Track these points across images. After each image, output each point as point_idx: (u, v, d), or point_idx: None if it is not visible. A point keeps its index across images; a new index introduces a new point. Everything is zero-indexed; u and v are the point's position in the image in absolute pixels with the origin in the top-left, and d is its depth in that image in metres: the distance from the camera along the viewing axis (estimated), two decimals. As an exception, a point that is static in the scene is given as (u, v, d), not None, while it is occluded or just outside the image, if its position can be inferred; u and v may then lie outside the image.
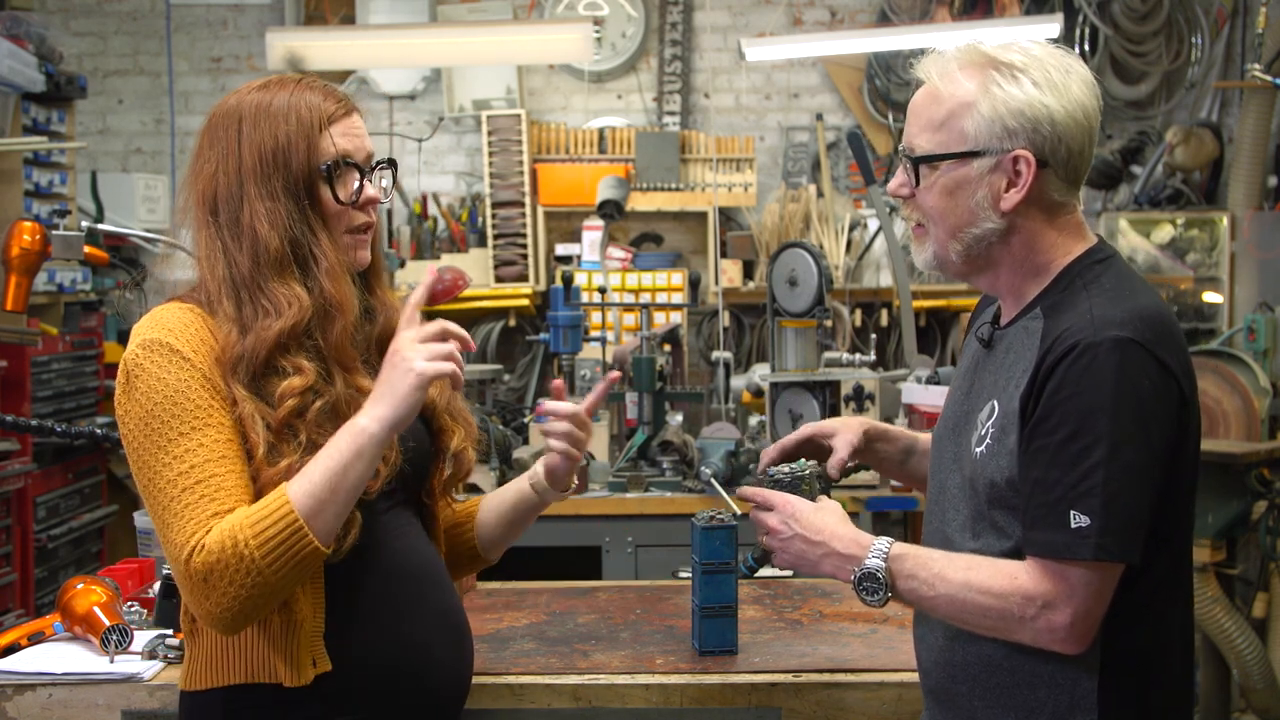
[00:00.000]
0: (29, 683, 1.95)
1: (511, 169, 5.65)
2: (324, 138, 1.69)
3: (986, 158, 1.57)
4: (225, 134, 1.69)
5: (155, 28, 5.90)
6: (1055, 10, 5.53)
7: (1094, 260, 1.61)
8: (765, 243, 5.55)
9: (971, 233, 1.61)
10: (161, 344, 1.60)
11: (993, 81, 1.57)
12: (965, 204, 1.59)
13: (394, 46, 4.68)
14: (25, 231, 2.87)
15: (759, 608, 2.34)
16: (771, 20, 5.86)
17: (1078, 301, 1.56)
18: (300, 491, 1.55)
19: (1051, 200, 1.60)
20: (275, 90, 1.72)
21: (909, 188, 1.64)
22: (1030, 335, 1.59)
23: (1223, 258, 5.55)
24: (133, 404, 1.60)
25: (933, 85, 1.61)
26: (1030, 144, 1.56)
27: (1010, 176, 1.57)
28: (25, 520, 4.22)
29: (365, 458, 1.57)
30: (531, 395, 5.43)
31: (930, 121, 1.60)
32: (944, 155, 1.59)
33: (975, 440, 1.62)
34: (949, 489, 1.69)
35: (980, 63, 1.58)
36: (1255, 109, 5.41)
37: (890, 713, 1.94)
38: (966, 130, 1.57)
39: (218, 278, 1.67)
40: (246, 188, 1.66)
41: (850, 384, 3.68)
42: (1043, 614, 1.50)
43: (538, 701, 1.95)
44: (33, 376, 4.26)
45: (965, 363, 1.77)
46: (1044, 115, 1.56)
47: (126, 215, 5.19)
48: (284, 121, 1.68)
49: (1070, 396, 1.49)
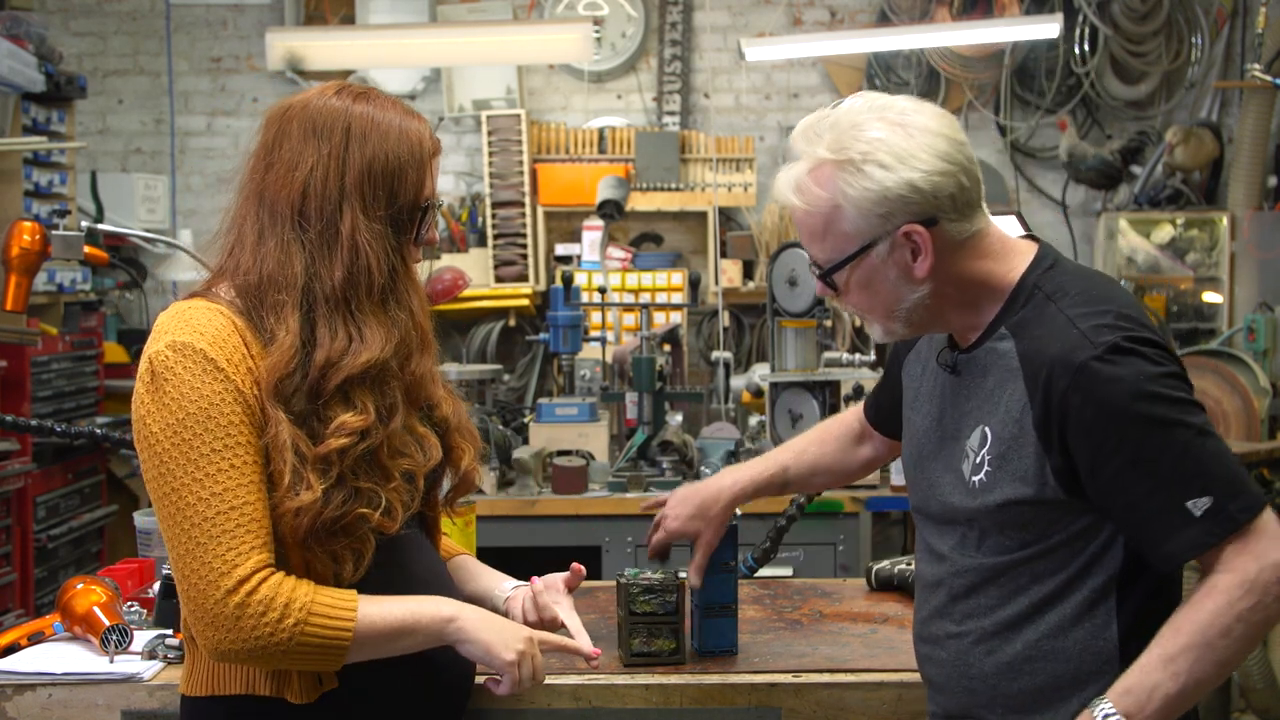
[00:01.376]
0: (29, 683, 1.95)
1: (511, 169, 5.65)
2: (428, 173, 1.66)
3: (880, 244, 1.58)
4: (330, 137, 1.60)
5: (155, 28, 5.90)
6: (1055, 10, 5.53)
7: (1042, 270, 1.62)
8: (765, 243, 5.55)
9: (903, 307, 1.62)
10: (194, 350, 1.53)
11: (844, 183, 1.56)
12: (884, 288, 1.61)
13: (394, 46, 4.68)
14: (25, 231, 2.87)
15: (759, 608, 2.34)
16: (771, 20, 5.86)
17: (1049, 315, 1.57)
18: (368, 619, 1.56)
19: (961, 241, 1.60)
20: (382, 106, 1.65)
21: (830, 293, 1.67)
22: (1002, 356, 1.60)
23: (1222, 258, 5.55)
24: (161, 409, 1.53)
25: (796, 205, 1.61)
26: (910, 215, 1.56)
27: (912, 249, 1.58)
28: (25, 520, 4.22)
29: (426, 640, 1.61)
30: (531, 395, 5.42)
31: (814, 234, 1.61)
32: (842, 260, 1.60)
33: (970, 469, 1.62)
34: (933, 514, 1.70)
35: (825, 169, 1.58)
36: (1255, 109, 5.41)
37: (890, 713, 1.94)
38: (848, 231, 1.58)
39: (291, 285, 1.58)
40: (350, 199, 1.59)
41: (850, 384, 3.69)
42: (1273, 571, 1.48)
43: (537, 701, 1.94)
44: (33, 376, 4.27)
45: (924, 387, 1.77)
46: (904, 190, 1.55)
47: (126, 215, 5.19)
48: (397, 144, 1.62)
49: (1106, 416, 1.49)
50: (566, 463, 3.67)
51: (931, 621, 1.71)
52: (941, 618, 1.69)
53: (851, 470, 2.12)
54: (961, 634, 1.66)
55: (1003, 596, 1.62)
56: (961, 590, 1.66)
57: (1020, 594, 1.61)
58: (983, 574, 1.63)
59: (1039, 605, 1.60)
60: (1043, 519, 1.58)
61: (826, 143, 1.58)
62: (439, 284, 4.20)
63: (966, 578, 1.65)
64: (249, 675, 1.62)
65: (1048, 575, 1.59)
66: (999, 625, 1.62)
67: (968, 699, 1.67)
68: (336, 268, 1.58)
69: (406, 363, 1.64)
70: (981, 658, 1.63)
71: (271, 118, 1.66)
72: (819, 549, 3.62)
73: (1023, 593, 1.60)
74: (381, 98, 1.67)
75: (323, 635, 1.53)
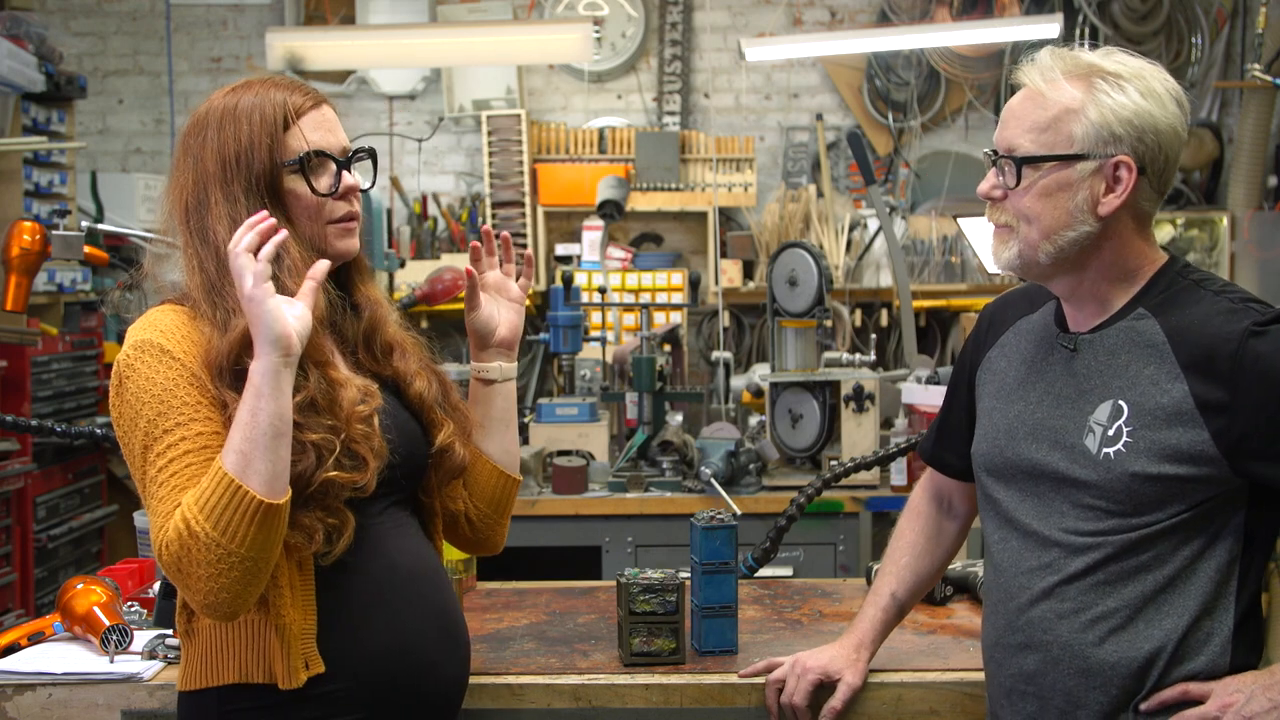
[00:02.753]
0: (29, 683, 1.95)
1: (511, 169, 5.65)
2: (291, 133, 1.69)
3: (1090, 161, 1.61)
4: (195, 141, 1.70)
5: (155, 28, 5.90)
6: (1055, 10, 5.53)
7: (1182, 266, 1.67)
8: (765, 243, 5.55)
9: (1066, 235, 1.63)
10: (153, 344, 1.61)
11: (1099, 89, 1.61)
12: (1064, 206, 1.62)
13: (394, 47, 4.68)
14: (25, 231, 2.87)
15: (759, 608, 2.34)
16: (771, 20, 5.86)
17: (1198, 297, 1.62)
18: (224, 455, 1.53)
19: (1142, 209, 1.65)
20: (242, 92, 1.72)
21: (1001, 189, 1.66)
22: (1141, 334, 1.62)
23: (1223, 258, 5.55)
24: (124, 405, 1.60)
25: (1036, 89, 1.64)
26: (1133, 151, 1.61)
27: (1109, 182, 1.61)
28: (25, 520, 4.23)
29: (265, 394, 1.53)
30: (531, 395, 5.42)
31: (1035, 124, 1.63)
32: (1050, 156, 1.62)
33: (1100, 441, 1.62)
34: (1044, 495, 1.68)
35: (1084, 71, 1.62)
36: (1255, 109, 5.41)
37: (890, 713, 1.94)
38: (1074, 134, 1.61)
39: (195, 284, 1.67)
40: (211, 193, 1.67)
41: (850, 384, 3.69)
42: None
43: (537, 701, 1.94)
44: (33, 376, 4.27)
45: (1017, 376, 1.76)
46: (1149, 124, 1.61)
47: (126, 215, 5.19)
48: (247, 123, 1.68)
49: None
50: (566, 463, 3.67)
51: (1030, 609, 1.67)
52: (1050, 598, 1.65)
53: (951, 551, 2.01)
54: (1076, 612, 1.63)
55: (1124, 574, 1.61)
56: (1080, 570, 1.63)
57: (1144, 571, 1.60)
58: (1106, 550, 1.62)
59: (1163, 584, 1.60)
60: (1184, 492, 1.58)
61: (1094, 55, 1.63)
62: (439, 284, 4.20)
63: (1086, 556, 1.63)
64: (238, 663, 1.63)
65: (1172, 552, 1.60)
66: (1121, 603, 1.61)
67: (1079, 681, 1.64)
68: (210, 258, 1.66)
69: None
70: (1100, 639, 1.62)
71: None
72: (819, 549, 3.62)
73: (1146, 570, 1.60)
74: (250, 83, 1.73)
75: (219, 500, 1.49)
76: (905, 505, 2.03)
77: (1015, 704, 1.71)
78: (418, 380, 1.79)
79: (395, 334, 1.82)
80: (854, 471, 2.72)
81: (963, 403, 1.88)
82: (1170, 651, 1.60)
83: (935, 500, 1.99)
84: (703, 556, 2.07)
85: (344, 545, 1.62)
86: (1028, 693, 1.69)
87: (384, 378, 1.78)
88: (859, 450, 3.55)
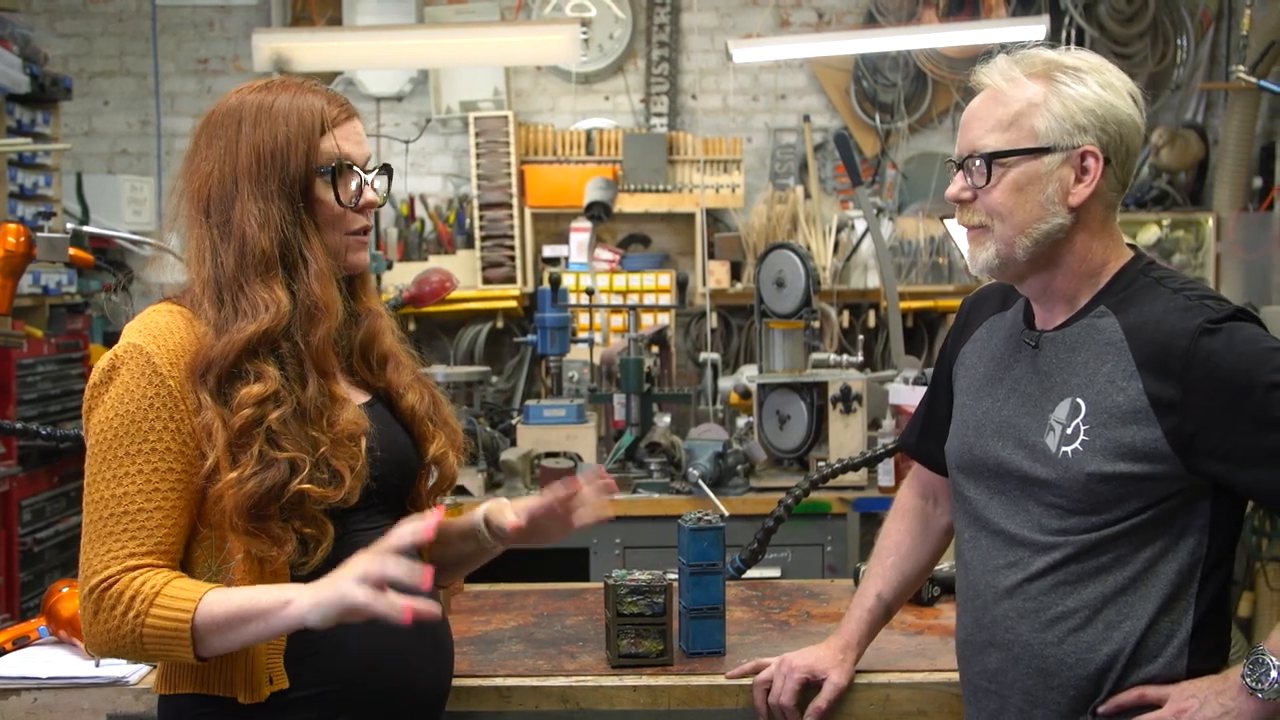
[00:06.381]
0: (14, 687, 1.94)
1: (499, 170, 5.64)
2: (326, 140, 1.69)
3: (1057, 153, 1.62)
4: (225, 133, 1.68)
5: (141, 29, 5.88)
6: (1041, 12, 5.54)
7: (1145, 263, 1.68)
8: (753, 244, 5.55)
9: (1040, 228, 1.64)
10: (141, 352, 1.60)
11: (1060, 81, 1.63)
12: (1035, 199, 1.63)
13: (381, 48, 4.67)
14: (10, 234, 2.85)
15: (746, 609, 2.34)
16: (758, 22, 5.86)
17: (1156, 294, 1.62)
18: (209, 608, 1.53)
19: (1108, 200, 1.66)
20: (277, 91, 1.71)
21: (971, 190, 1.67)
22: (1101, 331, 1.63)
23: (1208, 259, 5.57)
24: (99, 407, 1.61)
25: (997, 89, 1.66)
26: (1098, 140, 1.62)
27: (1078, 172, 1.63)
28: (10, 524, 4.21)
29: (271, 628, 1.54)
30: (519, 397, 5.42)
31: (999, 122, 1.65)
32: (1016, 151, 1.63)
33: (1059, 440, 1.62)
34: (1011, 494, 1.68)
35: (1043, 68, 1.64)
36: (1240, 110, 5.43)
37: (877, 713, 1.94)
38: (1037, 128, 1.63)
39: (202, 278, 1.66)
40: (241, 187, 1.65)
41: (837, 385, 3.69)
42: None
43: (525, 704, 1.94)
44: (18, 379, 4.24)
45: (984, 373, 1.77)
46: (1110, 114, 1.63)
47: (112, 217, 5.17)
48: (284, 123, 1.67)
49: (1237, 374, 1.53)
50: (554, 464, 3.67)
51: (995, 607, 1.68)
52: (1013, 597, 1.66)
53: (939, 548, 2.01)
54: (1037, 612, 1.64)
55: (1085, 574, 1.61)
56: (1042, 569, 1.64)
57: (1104, 572, 1.61)
58: (1067, 550, 1.62)
59: (1123, 585, 1.60)
60: (1141, 490, 1.58)
61: (1050, 53, 1.66)
62: (426, 285, 4.19)
63: (1048, 555, 1.63)
64: (200, 673, 1.63)
65: (1133, 553, 1.60)
66: (1081, 603, 1.61)
67: (1037, 680, 1.64)
68: (231, 254, 1.65)
69: (309, 331, 1.65)
70: (1060, 639, 1.62)
71: (194, 128, 1.75)
72: (807, 550, 3.63)
73: (1106, 571, 1.61)
74: (286, 83, 1.73)
75: (164, 625, 1.52)
76: (892, 505, 2.04)
77: (980, 701, 1.73)
78: (410, 393, 1.79)
79: (391, 346, 1.82)
80: (841, 472, 2.73)
81: (944, 395, 1.89)
82: (1128, 654, 1.60)
83: (923, 496, 2.00)
84: (690, 558, 2.07)
85: (321, 555, 1.61)
86: (990, 690, 1.70)
87: (376, 389, 1.78)
88: (846, 451, 3.56)
